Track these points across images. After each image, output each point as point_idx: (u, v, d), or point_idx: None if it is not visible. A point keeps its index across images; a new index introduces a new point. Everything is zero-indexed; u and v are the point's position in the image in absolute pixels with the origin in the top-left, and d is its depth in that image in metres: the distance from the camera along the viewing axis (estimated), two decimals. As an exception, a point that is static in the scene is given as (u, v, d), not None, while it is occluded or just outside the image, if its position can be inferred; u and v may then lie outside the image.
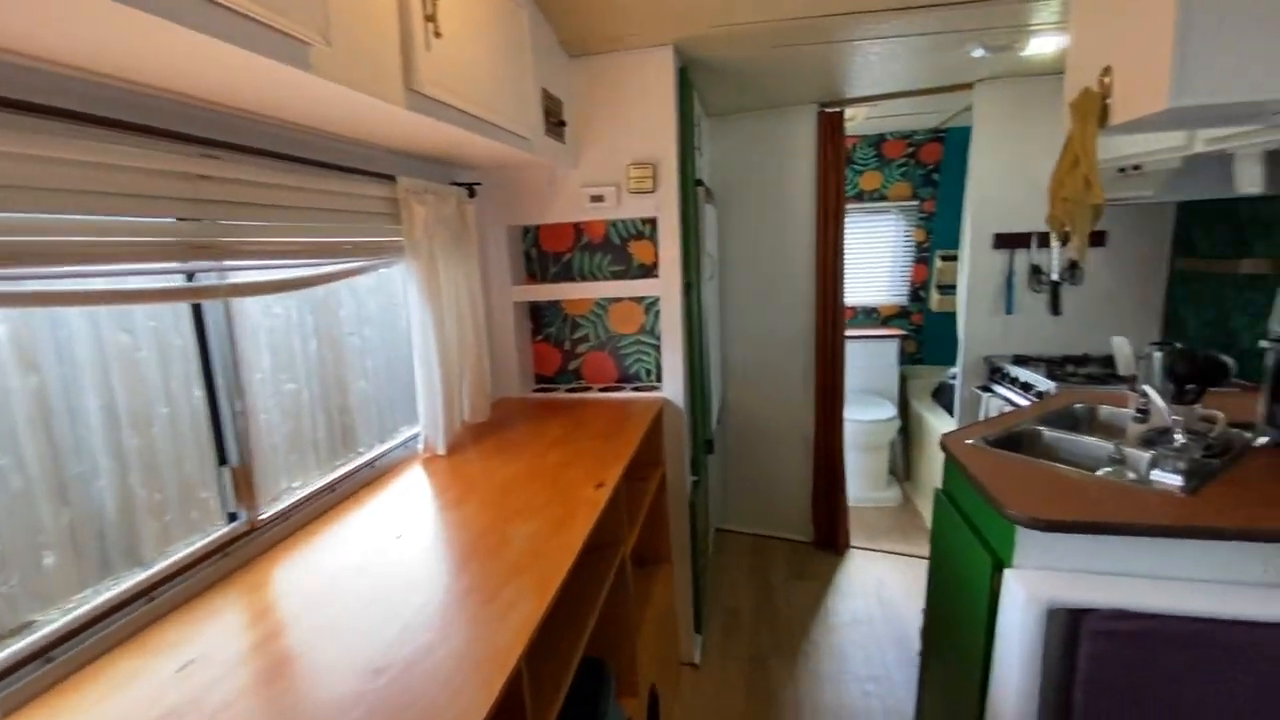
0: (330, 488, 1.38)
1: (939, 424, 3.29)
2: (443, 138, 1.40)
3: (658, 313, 2.13)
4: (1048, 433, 1.67)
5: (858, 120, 3.31)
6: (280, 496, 1.28)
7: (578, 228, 2.16)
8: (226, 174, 1.07)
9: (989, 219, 2.64)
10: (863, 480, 3.55)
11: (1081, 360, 2.50)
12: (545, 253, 2.21)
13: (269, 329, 1.34)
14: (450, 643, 0.85)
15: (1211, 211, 2.28)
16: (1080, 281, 2.59)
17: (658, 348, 2.17)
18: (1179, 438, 1.39)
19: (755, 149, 2.94)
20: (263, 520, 1.20)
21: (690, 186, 2.12)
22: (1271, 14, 0.94)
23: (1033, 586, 1.16)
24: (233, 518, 1.16)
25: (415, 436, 1.67)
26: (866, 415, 3.47)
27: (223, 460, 1.15)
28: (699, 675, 2.23)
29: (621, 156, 2.02)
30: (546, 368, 2.29)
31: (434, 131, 1.31)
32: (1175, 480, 1.29)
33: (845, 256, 2.93)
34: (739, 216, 3.02)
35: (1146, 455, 1.46)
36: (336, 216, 1.34)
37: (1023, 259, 2.63)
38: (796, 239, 2.96)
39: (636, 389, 2.18)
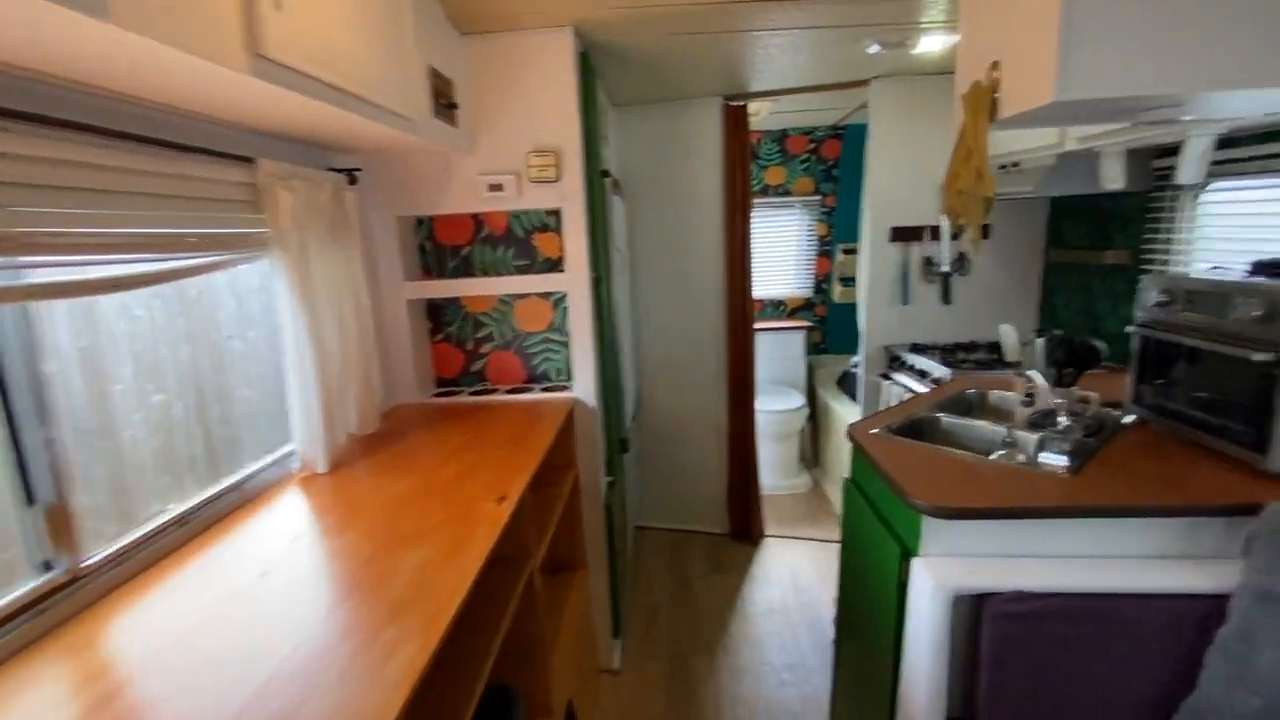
0: (182, 520, 1.19)
1: (844, 411, 3.41)
2: (310, 115, 1.23)
3: (566, 309, 2.04)
4: (945, 419, 1.73)
5: (762, 115, 3.34)
6: (119, 535, 1.08)
7: (477, 219, 2.02)
8: (20, 150, 0.87)
9: (886, 213, 2.74)
10: (775, 469, 3.62)
11: (971, 347, 2.65)
12: (442, 246, 2.05)
13: (130, 334, 1.15)
14: (318, 701, 0.73)
15: (1079, 207, 2.47)
16: (968, 272, 2.74)
17: (567, 345, 2.07)
18: (1063, 419, 1.46)
19: (662, 141, 2.90)
20: (90, 566, 1.01)
21: (596, 177, 2.04)
22: (1150, 13, 0.98)
23: (939, 574, 1.17)
24: (47, 566, 0.96)
25: (291, 454, 1.49)
26: (777, 405, 3.54)
27: (30, 499, 0.94)
28: (619, 682, 2.17)
29: (522, 143, 1.90)
30: (448, 370, 2.14)
31: (296, 107, 1.14)
32: (1061, 461, 1.35)
33: (753, 250, 2.95)
34: (648, 209, 2.96)
35: (1034, 438, 1.53)
36: (178, 204, 1.14)
37: (917, 252, 2.75)
38: (705, 232, 2.95)
39: (546, 389, 2.08)
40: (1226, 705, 1.05)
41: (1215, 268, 1.49)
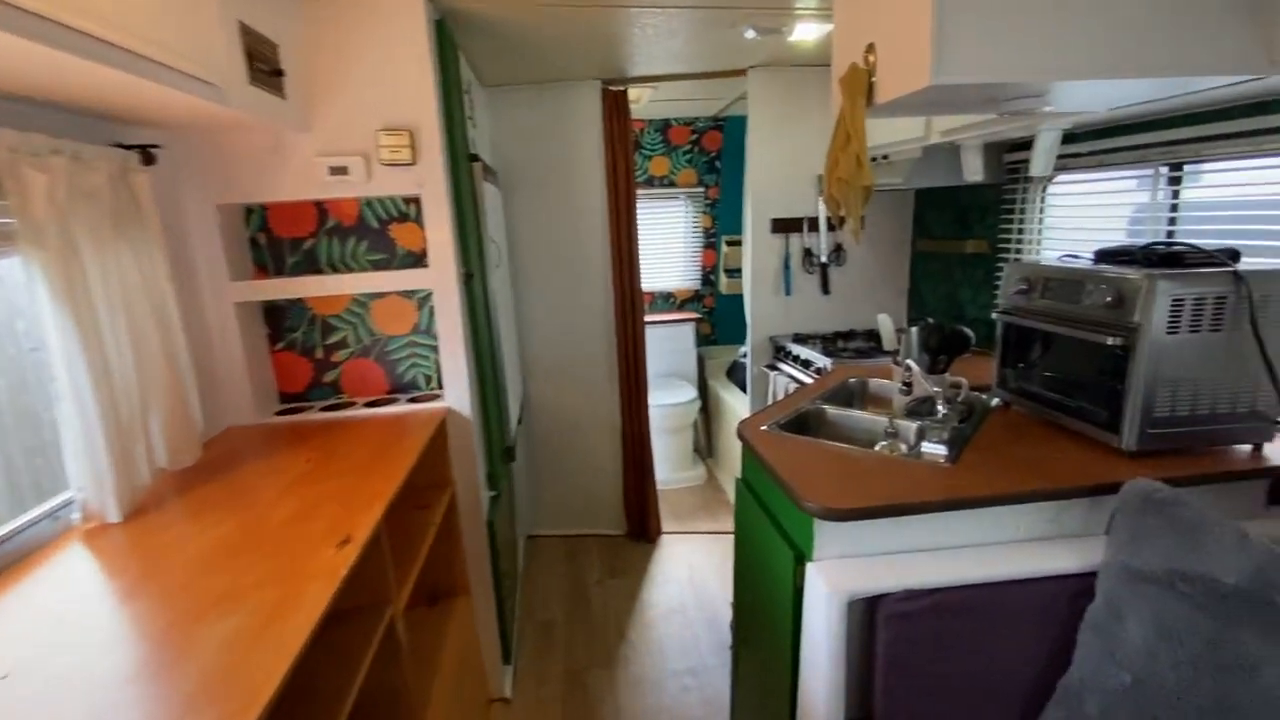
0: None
1: (734, 401, 3.43)
2: (75, 77, 0.96)
3: (433, 308, 1.82)
4: (830, 411, 1.72)
5: (643, 103, 3.26)
6: None
7: (321, 207, 1.75)
8: None
9: (767, 205, 2.74)
10: (669, 463, 3.58)
11: (849, 335, 2.72)
12: (279, 239, 1.76)
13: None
14: None
15: (942, 199, 2.59)
16: (844, 263, 2.81)
17: (436, 349, 1.86)
18: (941, 408, 1.48)
19: (540, 126, 2.72)
20: None
21: (462, 160, 1.83)
22: (1016, 3, 0.96)
23: (833, 580, 1.13)
24: None
25: (69, 503, 1.18)
26: (669, 399, 3.49)
27: None
28: (511, 711, 2.01)
29: (369, 120, 1.66)
30: (293, 383, 1.85)
31: (48, 64, 0.87)
32: (940, 450, 1.37)
33: (640, 242, 2.86)
34: (528, 199, 2.78)
35: (914, 426, 1.55)
36: None
37: (797, 243, 2.78)
38: (590, 223, 2.81)
39: (414, 400, 1.86)
40: (1098, 682, 1.09)
41: (1067, 255, 1.58)
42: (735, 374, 3.77)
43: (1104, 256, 1.47)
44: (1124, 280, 1.27)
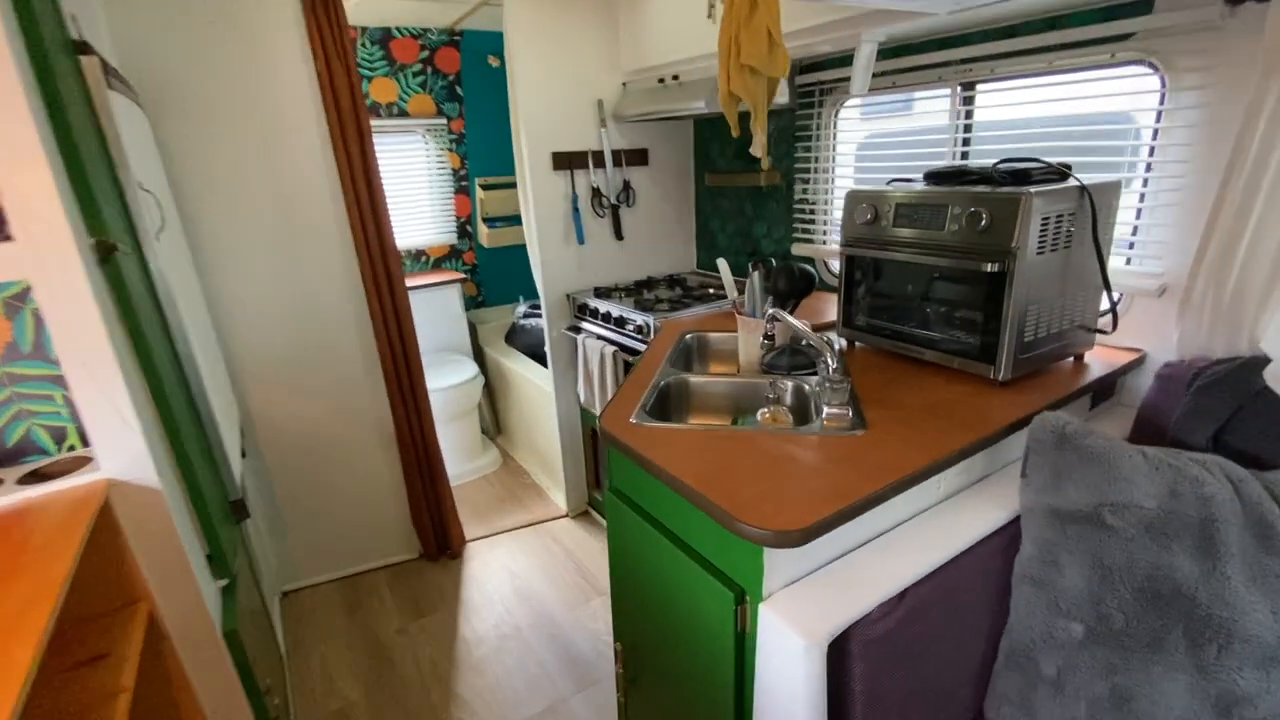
0: None
1: (522, 369, 2.99)
2: None
3: (39, 312, 1.02)
4: (694, 380, 1.43)
5: (351, 2, 2.46)
6: None
7: None
8: None
9: (543, 136, 2.28)
10: (457, 454, 3.04)
11: (649, 284, 2.48)
12: None
13: None
14: None
15: (725, 129, 2.43)
16: (635, 203, 2.52)
17: (63, 382, 1.07)
18: (831, 361, 1.27)
19: (206, 23, 1.81)
20: None
21: (54, 49, 1.02)
22: None
23: (804, 624, 0.84)
24: None
25: None
26: (448, 380, 2.91)
27: None
28: None
29: None
30: None
31: None
32: (844, 413, 1.17)
33: (382, 187, 2.17)
34: (195, 127, 1.87)
35: (799, 387, 1.34)
36: None
37: (584, 182, 2.40)
38: (304, 162, 2.03)
39: (35, 478, 1.05)
40: (1050, 638, 1.01)
41: (896, 180, 1.48)
42: (516, 338, 3.31)
43: (939, 178, 1.39)
44: (1000, 201, 1.18)
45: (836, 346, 1.41)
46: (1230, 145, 1.17)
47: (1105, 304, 1.35)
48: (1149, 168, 1.35)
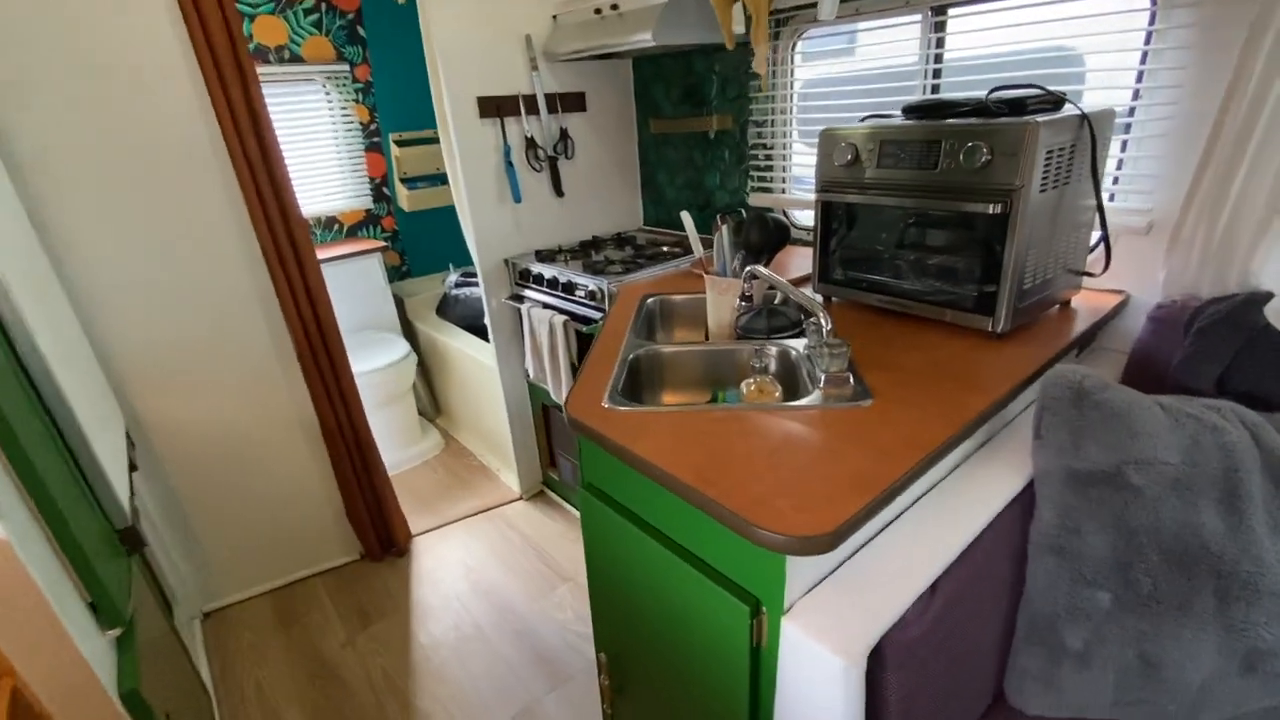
0: None
1: (459, 343, 2.75)
2: None
3: None
4: (668, 350, 1.27)
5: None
6: None
7: None
8: None
9: (466, 79, 2.00)
10: (394, 440, 2.78)
11: (596, 244, 2.27)
12: None
13: None
14: None
15: (669, 68, 2.22)
16: (573, 155, 2.29)
17: None
18: (824, 321, 1.13)
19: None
20: None
21: None
22: None
23: (837, 639, 0.72)
24: None
25: None
26: (377, 361, 2.63)
27: None
28: None
29: None
30: None
31: None
32: (848, 376, 1.04)
33: (277, 144, 1.85)
34: (36, 91, 1.50)
35: (776, 351, 1.20)
36: None
37: (516, 130, 2.14)
38: (179, 119, 1.68)
39: None
40: (1073, 609, 0.94)
41: (873, 116, 1.34)
42: (450, 310, 3.04)
43: (922, 112, 1.26)
44: (1001, 133, 1.05)
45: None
46: (1229, 68, 1.09)
47: (1093, 245, 1.28)
48: (1136, 95, 1.26)
